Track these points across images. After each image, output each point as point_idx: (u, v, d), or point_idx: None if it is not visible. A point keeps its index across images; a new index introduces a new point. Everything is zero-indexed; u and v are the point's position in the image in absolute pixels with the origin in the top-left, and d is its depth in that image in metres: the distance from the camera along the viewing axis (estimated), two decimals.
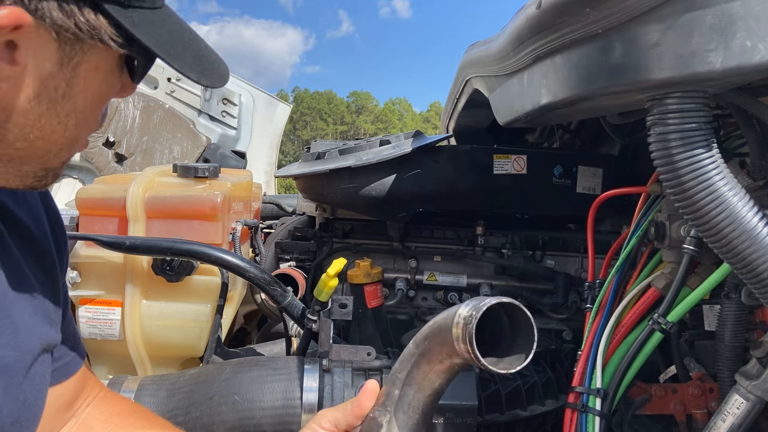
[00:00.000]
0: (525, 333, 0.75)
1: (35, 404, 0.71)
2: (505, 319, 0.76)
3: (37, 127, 0.58)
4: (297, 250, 1.76)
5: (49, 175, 0.65)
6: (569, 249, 1.67)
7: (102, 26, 0.55)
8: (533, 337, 0.74)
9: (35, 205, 0.77)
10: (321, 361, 1.15)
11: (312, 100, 58.60)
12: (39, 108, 0.57)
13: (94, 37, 0.55)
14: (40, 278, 0.74)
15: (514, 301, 0.73)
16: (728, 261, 0.77)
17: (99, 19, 0.55)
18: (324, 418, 0.83)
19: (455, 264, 1.71)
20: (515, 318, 0.76)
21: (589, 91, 0.80)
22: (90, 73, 0.59)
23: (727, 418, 0.95)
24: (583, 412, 1.08)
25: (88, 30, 0.55)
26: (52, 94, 0.57)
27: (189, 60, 0.63)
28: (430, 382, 0.84)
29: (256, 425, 1.08)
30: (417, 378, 0.85)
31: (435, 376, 0.84)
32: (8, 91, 0.54)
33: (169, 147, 3.22)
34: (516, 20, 0.90)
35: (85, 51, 0.57)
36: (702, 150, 0.74)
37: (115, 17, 0.55)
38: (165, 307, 1.35)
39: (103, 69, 0.60)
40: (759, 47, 0.66)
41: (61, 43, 0.55)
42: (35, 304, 0.72)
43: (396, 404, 0.85)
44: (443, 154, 1.54)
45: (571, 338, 1.54)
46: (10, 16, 0.50)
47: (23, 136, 0.58)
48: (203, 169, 1.44)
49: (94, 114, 0.64)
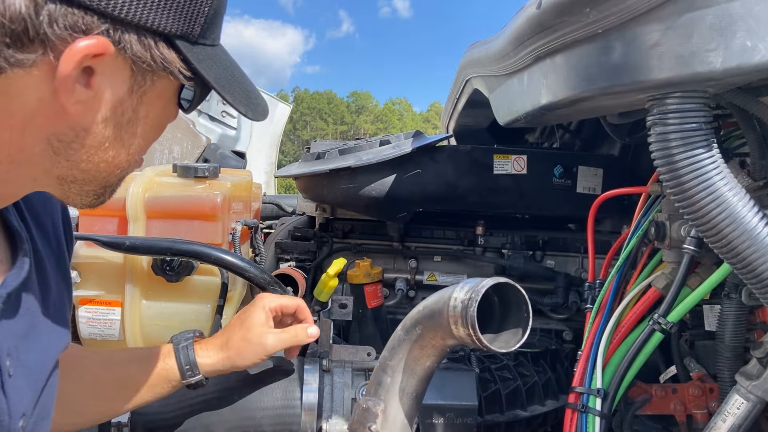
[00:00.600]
0: (517, 310, 0.76)
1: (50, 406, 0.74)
2: (495, 298, 0.76)
3: (102, 150, 0.61)
4: (297, 250, 1.76)
5: (107, 192, 0.68)
6: (569, 249, 1.67)
7: (174, 60, 0.59)
8: (528, 314, 0.74)
9: (54, 205, 0.80)
10: (321, 361, 1.15)
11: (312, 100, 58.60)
12: (106, 131, 0.60)
13: (165, 70, 0.59)
14: (60, 281, 0.77)
15: (510, 281, 0.74)
16: (728, 261, 0.77)
17: (171, 54, 0.59)
18: (270, 299, 1.00)
19: (455, 264, 1.71)
20: (505, 296, 0.76)
21: (589, 91, 0.80)
22: (153, 101, 0.63)
23: (728, 419, 0.95)
24: (584, 413, 1.08)
25: (162, 62, 0.59)
26: (119, 119, 0.61)
27: (239, 95, 0.67)
28: (422, 366, 0.85)
29: (256, 425, 1.08)
30: (409, 364, 0.85)
31: (426, 359, 0.85)
32: (80, 114, 0.57)
33: (169, 147, 3.22)
34: (516, 20, 0.90)
35: (154, 81, 0.61)
36: (702, 150, 0.74)
37: (184, 52, 0.60)
38: (165, 307, 1.35)
39: (164, 97, 0.64)
40: (759, 47, 0.66)
41: (134, 72, 0.59)
42: (57, 309, 0.75)
43: (388, 392, 0.86)
44: (443, 154, 1.54)
45: (571, 338, 1.54)
46: (97, 45, 0.54)
47: (89, 158, 0.61)
48: (203, 169, 1.44)
49: (152, 139, 0.68)
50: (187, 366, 0.97)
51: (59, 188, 0.64)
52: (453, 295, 0.76)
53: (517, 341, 0.75)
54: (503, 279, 0.75)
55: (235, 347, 0.99)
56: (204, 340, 1.02)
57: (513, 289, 0.75)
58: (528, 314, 0.75)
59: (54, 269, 0.76)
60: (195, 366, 0.97)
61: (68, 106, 0.56)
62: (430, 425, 1.14)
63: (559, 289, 1.59)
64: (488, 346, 0.73)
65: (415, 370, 0.85)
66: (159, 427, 1.08)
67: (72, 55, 0.53)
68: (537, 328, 1.57)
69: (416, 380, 0.86)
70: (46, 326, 0.71)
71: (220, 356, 0.99)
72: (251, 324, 1.00)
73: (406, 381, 0.86)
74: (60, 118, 0.57)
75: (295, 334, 1.02)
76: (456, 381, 1.19)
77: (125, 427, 1.06)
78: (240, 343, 0.98)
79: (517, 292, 0.76)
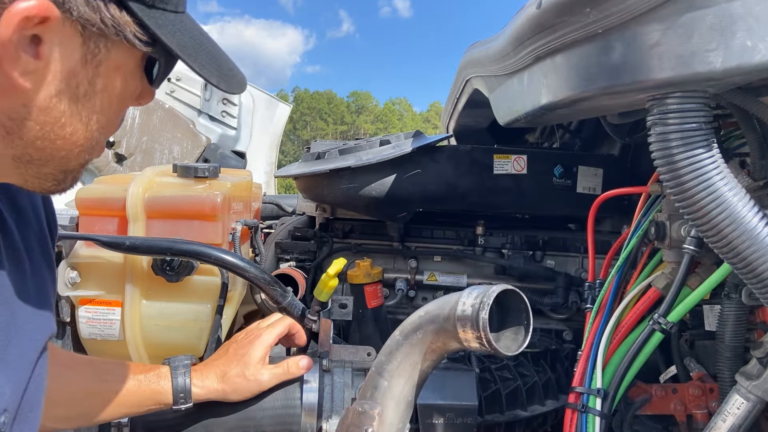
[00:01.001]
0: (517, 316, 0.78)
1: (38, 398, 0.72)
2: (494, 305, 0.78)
3: (58, 126, 0.58)
4: (297, 250, 1.76)
5: (68, 178, 0.65)
6: (569, 249, 1.67)
7: (127, 23, 0.56)
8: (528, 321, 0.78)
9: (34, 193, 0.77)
10: (321, 361, 1.15)
11: (312, 100, 58.59)
12: (60, 105, 0.57)
13: (118, 34, 0.56)
14: (44, 267, 0.75)
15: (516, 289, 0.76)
16: (728, 261, 0.77)
17: (124, 16, 0.55)
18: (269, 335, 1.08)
19: (455, 264, 1.71)
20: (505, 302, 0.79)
21: (589, 91, 0.80)
22: (111, 73, 0.59)
23: (728, 419, 0.95)
24: (584, 413, 1.08)
25: (113, 26, 0.55)
26: (74, 91, 0.57)
27: (209, 65, 0.63)
28: (419, 371, 0.86)
29: (256, 425, 1.08)
30: (407, 368, 0.86)
31: (424, 363, 0.86)
32: (30, 87, 0.54)
33: (168, 147, 3.22)
34: (516, 20, 0.90)
35: (108, 48, 0.57)
36: (702, 150, 0.74)
37: (139, 16, 0.56)
38: (165, 308, 1.34)
39: (123, 69, 0.61)
40: (759, 47, 0.66)
41: (86, 38, 0.55)
42: (40, 296, 0.73)
43: (385, 395, 0.86)
44: (443, 154, 1.54)
45: (571, 338, 1.54)
46: (39, 7, 0.50)
47: (44, 135, 0.58)
48: (203, 169, 1.44)
49: (114, 116, 0.64)
50: (181, 393, 1.00)
51: (16, 171, 0.60)
52: (461, 300, 0.78)
53: (518, 345, 0.77)
54: (510, 286, 0.77)
55: (231, 382, 1.02)
56: (201, 366, 1.04)
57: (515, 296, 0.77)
58: (529, 321, 0.77)
59: (39, 255, 0.74)
60: (189, 394, 1.00)
61: (16, 78, 0.52)
62: (430, 425, 1.14)
63: (559, 289, 1.59)
64: (497, 349, 0.75)
65: (412, 374, 0.86)
66: (159, 427, 1.08)
67: (10, 18, 0.50)
68: (537, 328, 1.57)
69: (412, 384, 0.87)
70: (25, 315, 0.68)
71: (215, 387, 1.02)
72: (249, 361, 1.03)
73: (403, 385, 0.86)
74: (10, 94, 0.54)
75: (287, 369, 1.06)
76: (456, 381, 1.19)
77: (125, 427, 1.06)
78: (236, 379, 1.02)
79: (519, 298, 0.77)
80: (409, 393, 0.87)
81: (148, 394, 0.99)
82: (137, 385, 0.99)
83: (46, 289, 0.75)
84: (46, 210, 0.80)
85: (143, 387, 0.99)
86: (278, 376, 1.05)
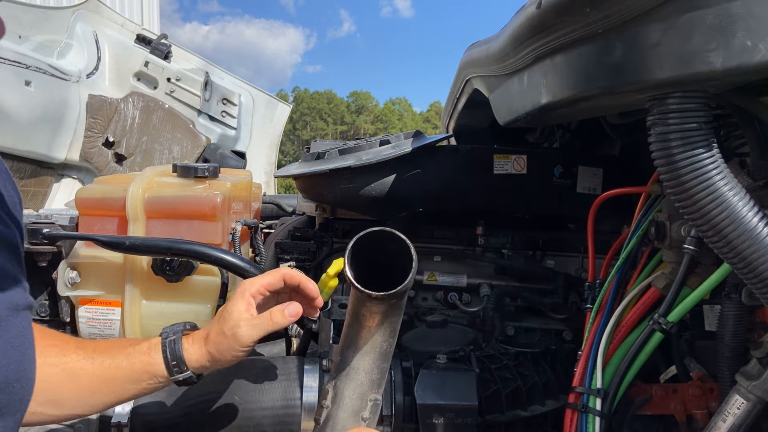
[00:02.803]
0: (405, 259, 0.83)
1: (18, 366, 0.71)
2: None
3: None
4: (297, 250, 1.76)
5: None
6: (569, 249, 1.67)
7: None
8: (412, 260, 0.82)
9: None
10: (321, 361, 1.15)
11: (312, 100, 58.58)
12: None
13: None
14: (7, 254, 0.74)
15: (388, 229, 0.82)
16: (728, 261, 0.77)
17: None
18: (251, 282, 0.94)
19: (455, 264, 1.70)
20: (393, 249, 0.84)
21: (589, 91, 0.80)
22: None
23: (728, 419, 0.95)
24: (584, 412, 1.08)
25: None
26: None
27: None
28: (365, 341, 0.95)
29: (256, 425, 1.08)
30: (354, 342, 0.96)
31: (367, 333, 0.93)
32: None
33: (168, 147, 3.22)
34: (516, 20, 0.90)
35: None
36: (702, 150, 0.74)
37: None
38: (165, 308, 1.34)
39: None
40: (759, 47, 0.66)
41: None
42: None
43: (338, 371, 0.96)
44: (443, 154, 1.53)
45: (571, 338, 1.54)
46: None
47: None
48: (203, 169, 1.44)
49: None
50: (173, 362, 0.90)
51: None
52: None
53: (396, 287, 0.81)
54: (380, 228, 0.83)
55: (213, 341, 0.91)
56: (192, 332, 0.95)
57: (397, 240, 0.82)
58: (412, 260, 0.81)
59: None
60: (182, 361, 0.90)
61: None
62: (430, 425, 1.14)
63: (559, 289, 1.59)
64: (356, 285, 0.81)
65: (359, 346, 0.93)
66: (159, 427, 1.08)
67: None
68: (537, 328, 1.57)
69: (363, 356, 0.93)
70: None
71: (203, 351, 0.92)
72: (229, 314, 0.92)
73: (354, 359, 0.94)
74: None
75: (269, 319, 0.92)
76: (456, 381, 1.19)
77: (125, 427, 1.06)
78: (216, 338, 0.91)
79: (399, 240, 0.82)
80: (363, 365, 0.93)
81: (140, 367, 0.90)
82: (127, 360, 0.90)
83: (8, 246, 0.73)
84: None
85: (133, 360, 0.90)
86: (259, 327, 0.91)
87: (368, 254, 0.82)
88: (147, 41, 3.32)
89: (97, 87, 3.18)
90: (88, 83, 3.14)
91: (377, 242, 0.82)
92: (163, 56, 3.31)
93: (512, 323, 1.56)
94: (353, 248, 0.81)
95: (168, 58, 3.34)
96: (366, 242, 0.81)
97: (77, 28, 3.15)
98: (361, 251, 0.81)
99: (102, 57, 3.25)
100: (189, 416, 1.08)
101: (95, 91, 3.15)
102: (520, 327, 1.56)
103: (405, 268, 0.81)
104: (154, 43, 3.32)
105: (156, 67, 3.30)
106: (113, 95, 3.19)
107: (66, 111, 2.99)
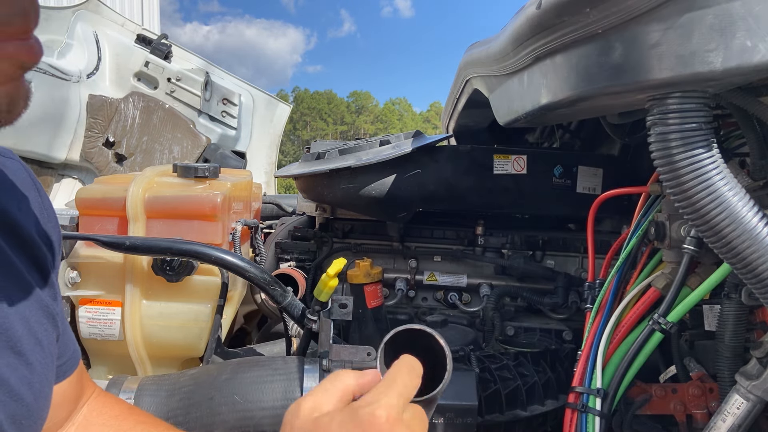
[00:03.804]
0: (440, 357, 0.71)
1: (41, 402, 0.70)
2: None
3: None
4: (297, 250, 1.76)
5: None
6: (569, 249, 1.67)
7: None
8: (447, 363, 0.69)
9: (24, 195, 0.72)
10: (321, 361, 1.15)
11: (312, 100, 58.57)
12: None
13: None
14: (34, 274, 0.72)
15: (423, 327, 0.71)
16: (728, 261, 0.77)
17: None
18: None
19: (455, 264, 1.71)
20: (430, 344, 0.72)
21: (589, 91, 0.80)
22: None
23: (728, 419, 0.95)
24: (583, 412, 1.08)
25: None
26: None
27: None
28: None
29: (256, 425, 1.08)
30: None
31: None
32: None
33: (168, 147, 3.22)
34: (516, 20, 0.90)
35: None
36: (702, 150, 0.74)
37: None
38: (165, 307, 1.35)
39: None
40: (759, 47, 0.66)
41: None
42: (33, 302, 0.69)
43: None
44: (443, 154, 1.54)
45: (571, 338, 1.54)
46: None
47: None
48: (203, 169, 1.44)
49: None
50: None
51: None
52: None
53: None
54: (418, 326, 0.71)
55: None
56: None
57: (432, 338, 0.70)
58: (447, 363, 0.69)
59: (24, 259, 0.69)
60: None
61: None
62: (430, 425, 1.14)
63: (559, 289, 1.59)
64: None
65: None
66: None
67: None
68: (537, 328, 1.57)
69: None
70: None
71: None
72: None
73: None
74: None
75: None
76: (456, 381, 1.19)
77: None
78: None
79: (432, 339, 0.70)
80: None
81: None
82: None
83: (40, 294, 0.70)
84: (44, 213, 0.75)
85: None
86: None
87: (399, 350, 0.71)
88: (147, 41, 3.32)
89: (97, 87, 3.18)
90: (89, 83, 3.14)
91: (409, 338, 0.74)
92: (163, 56, 3.31)
93: (512, 323, 1.56)
94: (386, 346, 0.73)
95: (168, 58, 3.34)
96: (398, 338, 0.74)
97: (77, 28, 3.15)
98: (392, 348, 0.73)
99: (102, 57, 3.25)
100: (189, 416, 1.08)
101: (95, 91, 3.15)
102: (520, 327, 1.56)
103: (436, 365, 0.70)
104: (155, 43, 3.32)
105: (156, 67, 3.30)
106: (113, 95, 3.19)
107: (66, 111, 2.99)
